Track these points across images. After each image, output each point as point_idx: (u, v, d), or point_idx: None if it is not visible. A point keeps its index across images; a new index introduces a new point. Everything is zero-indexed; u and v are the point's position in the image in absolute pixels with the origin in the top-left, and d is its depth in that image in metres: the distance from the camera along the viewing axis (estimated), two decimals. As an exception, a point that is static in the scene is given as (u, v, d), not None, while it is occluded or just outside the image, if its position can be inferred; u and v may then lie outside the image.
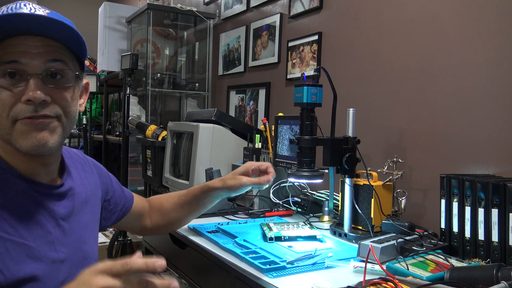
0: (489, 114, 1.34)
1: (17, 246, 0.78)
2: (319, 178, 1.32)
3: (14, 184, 0.82)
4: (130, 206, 1.19)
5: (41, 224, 0.84)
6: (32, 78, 0.78)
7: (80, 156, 1.08)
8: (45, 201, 0.85)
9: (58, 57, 0.82)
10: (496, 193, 1.09)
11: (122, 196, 1.17)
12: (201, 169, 1.83)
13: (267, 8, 2.42)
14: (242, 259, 1.11)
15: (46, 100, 0.78)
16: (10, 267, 0.76)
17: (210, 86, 2.97)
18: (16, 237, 0.79)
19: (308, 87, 1.30)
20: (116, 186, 1.16)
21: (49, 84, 0.80)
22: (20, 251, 0.79)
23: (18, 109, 0.78)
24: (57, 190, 0.89)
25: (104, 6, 3.42)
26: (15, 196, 0.81)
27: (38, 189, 0.85)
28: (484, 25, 1.36)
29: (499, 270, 0.86)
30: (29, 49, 0.78)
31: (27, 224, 0.81)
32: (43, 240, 0.83)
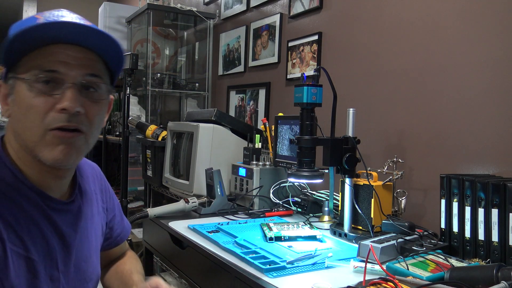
0: (489, 114, 1.34)
1: (21, 259, 0.77)
2: (319, 178, 1.32)
3: (26, 194, 0.81)
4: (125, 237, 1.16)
5: (46, 239, 0.82)
6: (70, 88, 0.77)
7: (96, 170, 1.07)
8: (53, 216, 0.84)
9: (96, 72, 0.82)
10: (496, 193, 1.09)
11: (120, 224, 1.14)
12: (201, 169, 1.83)
13: (267, 8, 2.42)
14: (242, 259, 1.11)
15: (80, 111, 0.78)
16: (12, 280, 0.75)
17: (210, 86, 2.97)
18: (21, 249, 0.78)
19: (308, 87, 1.30)
20: (117, 212, 1.13)
21: (84, 96, 0.80)
22: (23, 264, 0.78)
23: (51, 117, 0.76)
24: (66, 206, 0.88)
25: (104, 6, 3.42)
26: (25, 206, 0.80)
27: (48, 203, 0.84)
28: (484, 25, 1.36)
29: (499, 270, 0.86)
30: (69, 60, 0.78)
31: (33, 237, 0.80)
32: (46, 256, 0.82)
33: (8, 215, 0.77)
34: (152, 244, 1.69)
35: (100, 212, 1.03)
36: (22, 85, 0.77)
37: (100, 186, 1.06)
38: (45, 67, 0.77)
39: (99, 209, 1.03)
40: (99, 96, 0.83)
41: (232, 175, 1.88)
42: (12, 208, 0.78)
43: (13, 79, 0.79)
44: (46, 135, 0.77)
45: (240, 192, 1.80)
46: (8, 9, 5.75)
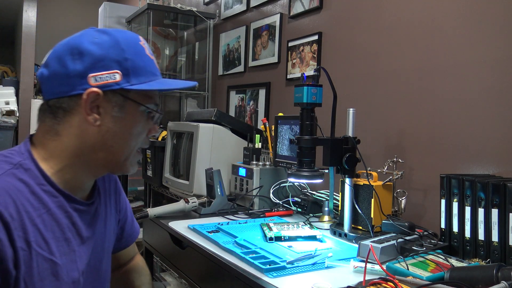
0: (489, 114, 1.34)
1: (45, 262, 0.79)
2: (319, 178, 1.32)
3: (54, 197, 0.83)
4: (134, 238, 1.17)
5: (68, 242, 0.84)
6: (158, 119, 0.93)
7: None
8: (75, 217, 0.86)
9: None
10: (496, 193, 1.09)
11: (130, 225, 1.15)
12: (201, 169, 1.83)
13: (267, 8, 2.42)
14: (242, 259, 1.11)
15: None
16: (36, 284, 0.77)
17: (210, 86, 2.97)
18: (46, 252, 0.79)
19: (308, 87, 1.30)
20: (128, 213, 1.15)
21: None
22: (47, 267, 0.79)
23: (144, 141, 0.92)
24: (87, 207, 0.90)
25: (104, 6, 3.42)
26: (52, 208, 0.82)
27: (73, 205, 0.86)
28: (484, 26, 1.36)
29: (499, 270, 0.86)
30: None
31: (57, 240, 0.82)
32: (68, 258, 0.83)
33: (37, 218, 0.79)
34: (152, 244, 1.69)
35: (113, 213, 1.05)
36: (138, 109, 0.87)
37: (115, 187, 1.07)
38: (155, 101, 0.91)
39: (112, 210, 1.04)
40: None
41: (232, 175, 1.88)
42: (40, 210, 0.80)
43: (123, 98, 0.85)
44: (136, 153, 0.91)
45: (240, 192, 1.80)
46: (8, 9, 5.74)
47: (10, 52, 7.15)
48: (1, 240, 0.72)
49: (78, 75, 0.81)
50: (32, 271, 0.76)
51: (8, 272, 0.73)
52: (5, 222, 0.73)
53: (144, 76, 0.85)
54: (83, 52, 0.81)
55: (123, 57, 0.83)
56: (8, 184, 0.77)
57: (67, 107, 0.83)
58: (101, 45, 0.82)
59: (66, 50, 0.82)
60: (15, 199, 0.76)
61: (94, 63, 0.81)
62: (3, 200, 0.74)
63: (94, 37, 0.83)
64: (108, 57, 0.82)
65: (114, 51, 0.83)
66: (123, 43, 0.84)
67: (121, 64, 0.82)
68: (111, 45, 0.83)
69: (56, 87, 0.83)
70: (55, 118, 0.84)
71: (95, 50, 0.82)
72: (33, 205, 0.79)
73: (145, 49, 0.88)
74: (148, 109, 0.88)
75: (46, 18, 5.22)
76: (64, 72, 0.82)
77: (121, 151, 0.86)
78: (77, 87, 0.81)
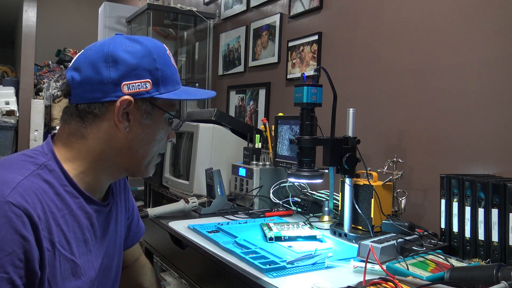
0: (489, 114, 1.34)
1: (67, 262, 0.81)
2: (319, 178, 1.32)
3: (76, 198, 0.85)
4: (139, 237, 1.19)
5: (87, 242, 0.86)
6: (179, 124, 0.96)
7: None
8: (94, 219, 0.88)
9: None
10: (496, 193, 1.09)
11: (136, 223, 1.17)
12: (201, 169, 1.83)
13: (267, 8, 2.42)
14: (242, 259, 1.11)
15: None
16: (58, 283, 0.79)
17: (210, 86, 2.97)
18: (68, 252, 0.81)
19: (308, 87, 1.30)
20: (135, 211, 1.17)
21: None
22: (68, 267, 0.81)
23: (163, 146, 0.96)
24: (103, 208, 0.93)
25: (104, 6, 3.42)
26: (74, 209, 0.84)
27: (92, 206, 0.88)
28: (484, 25, 1.36)
29: (499, 270, 0.86)
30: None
31: (78, 240, 0.84)
32: (85, 258, 0.86)
33: (61, 219, 0.80)
34: (152, 244, 1.69)
35: (123, 212, 1.07)
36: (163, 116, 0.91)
37: (124, 185, 1.09)
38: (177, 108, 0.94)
39: (122, 209, 1.06)
40: None
41: (232, 175, 1.88)
42: (64, 211, 0.81)
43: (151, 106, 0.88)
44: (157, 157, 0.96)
45: (240, 192, 1.80)
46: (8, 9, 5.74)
47: (10, 52, 7.15)
48: (30, 241, 0.73)
49: (112, 82, 0.84)
50: (55, 271, 0.78)
51: (34, 272, 0.74)
52: (34, 223, 0.74)
53: (170, 85, 0.90)
54: (117, 60, 0.84)
55: (154, 66, 0.86)
56: (35, 185, 0.78)
57: (98, 113, 0.85)
58: (134, 54, 0.85)
59: (100, 57, 0.84)
60: (41, 200, 0.77)
61: (128, 71, 0.84)
62: (32, 201, 0.75)
63: (127, 46, 0.86)
64: (141, 66, 0.85)
65: (146, 60, 0.86)
66: (154, 53, 0.87)
67: (152, 74, 0.86)
68: (144, 54, 0.86)
69: (89, 92, 0.84)
70: (82, 122, 0.86)
71: (129, 59, 0.84)
72: (57, 206, 0.80)
73: (171, 59, 0.91)
74: (172, 116, 0.92)
75: (46, 18, 5.22)
76: (98, 79, 0.83)
77: (145, 156, 0.90)
78: (110, 94, 0.84)
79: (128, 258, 1.19)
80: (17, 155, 0.85)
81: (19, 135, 4.28)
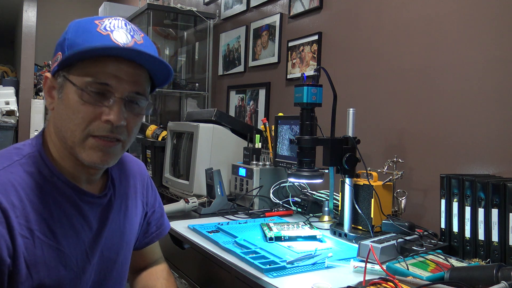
0: (489, 114, 1.34)
1: (51, 251, 0.80)
2: (319, 178, 1.32)
3: (61, 188, 0.84)
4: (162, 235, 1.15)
5: (77, 232, 0.85)
6: (117, 102, 0.81)
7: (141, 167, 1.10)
8: (84, 209, 0.88)
9: (142, 90, 0.85)
10: (496, 193, 1.09)
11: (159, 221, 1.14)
12: (201, 169, 1.83)
13: (267, 8, 2.42)
14: (242, 259, 1.11)
15: (123, 124, 0.82)
16: (40, 272, 0.78)
17: (210, 86, 2.97)
18: (53, 241, 0.80)
19: (308, 87, 1.30)
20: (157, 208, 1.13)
21: (127, 109, 0.84)
22: (54, 256, 0.80)
23: (95, 126, 0.80)
24: (97, 200, 0.91)
25: (104, 6, 3.43)
26: (60, 200, 0.83)
27: (81, 196, 0.87)
28: (484, 25, 1.36)
29: (499, 270, 0.86)
30: (121, 74, 0.81)
31: (65, 230, 0.83)
32: (77, 249, 0.85)
33: (43, 208, 0.80)
34: (152, 244, 1.69)
35: (138, 206, 1.05)
36: (73, 89, 0.80)
37: (142, 181, 1.08)
38: (98, 80, 0.80)
39: (138, 203, 1.04)
40: (140, 110, 0.87)
41: (232, 175, 1.88)
42: (47, 201, 0.81)
43: (63, 78, 0.81)
44: (88, 140, 0.81)
45: (240, 192, 1.80)
46: (8, 9, 5.74)
47: (10, 52, 7.15)
48: None
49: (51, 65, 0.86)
50: (36, 259, 0.78)
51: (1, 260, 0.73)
52: (3, 209, 0.75)
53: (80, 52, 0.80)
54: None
55: (63, 37, 0.82)
56: (12, 175, 0.79)
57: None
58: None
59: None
60: (18, 189, 0.78)
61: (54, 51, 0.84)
62: (4, 188, 0.76)
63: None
64: (57, 42, 0.84)
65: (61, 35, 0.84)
66: (71, 25, 0.84)
67: (61, 45, 0.82)
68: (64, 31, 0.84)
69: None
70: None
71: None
72: (39, 196, 0.80)
73: (98, 26, 0.81)
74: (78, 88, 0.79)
75: (46, 18, 5.23)
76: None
77: (67, 135, 0.82)
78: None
79: (146, 257, 1.15)
80: (8, 148, 0.86)
81: (19, 135, 4.29)
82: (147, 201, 1.10)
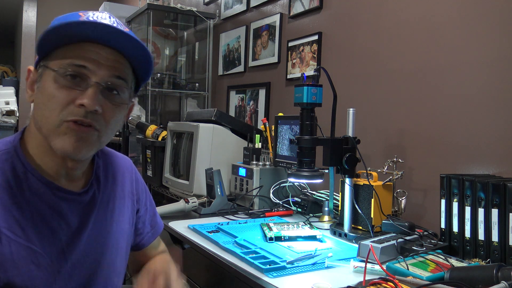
0: (489, 114, 1.34)
1: (22, 250, 0.77)
2: (319, 178, 1.32)
3: (33, 185, 0.81)
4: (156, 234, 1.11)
5: (53, 230, 0.82)
6: (93, 87, 0.79)
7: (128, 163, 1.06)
8: (61, 206, 0.84)
9: (123, 75, 0.83)
10: (496, 193, 1.09)
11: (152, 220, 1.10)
12: (201, 169, 1.83)
13: (267, 8, 2.42)
14: (242, 259, 1.11)
15: (98, 111, 0.79)
16: (8, 270, 0.75)
17: (210, 86, 2.97)
18: (23, 239, 0.78)
19: (308, 87, 1.30)
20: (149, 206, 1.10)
21: (105, 97, 0.81)
22: (24, 255, 0.77)
23: (69, 110, 0.78)
24: (76, 197, 0.87)
25: (104, 6, 3.43)
26: (31, 197, 0.81)
27: (56, 193, 0.84)
28: (484, 26, 1.36)
29: (499, 270, 0.86)
30: (99, 59, 0.80)
31: (38, 228, 0.80)
32: (52, 248, 0.82)
33: (12, 206, 0.78)
34: (152, 244, 1.69)
35: (127, 203, 1.01)
36: (50, 75, 0.79)
37: (130, 178, 1.04)
38: (75, 62, 0.78)
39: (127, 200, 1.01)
40: (121, 100, 0.84)
41: (232, 175, 1.88)
42: (17, 199, 0.79)
43: (43, 68, 0.81)
44: (61, 125, 0.78)
45: (240, 192, 1.81)
46: (8, 9, 5.75)
47: (10, 52, 7.16)
48: None
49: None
50: (4, 258, 0.75)
51: None
52: None
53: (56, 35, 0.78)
54: None
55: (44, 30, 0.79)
56: None
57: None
58: None
59: None
60: None
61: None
62: None
63: None
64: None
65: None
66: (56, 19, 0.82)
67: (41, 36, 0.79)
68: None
69: None
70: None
71: None
72: (9, 193, 0.78)
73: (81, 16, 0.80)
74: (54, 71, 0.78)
75: (46, 18, 5.22)
76: None
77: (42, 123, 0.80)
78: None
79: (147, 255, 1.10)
80: None
81: (19, 135, 4.28)
82: (138, 198, 1.05)
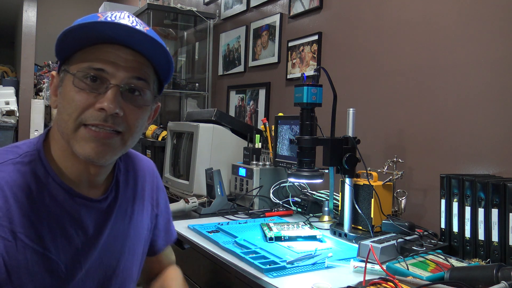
0: (489, 114, 1.34)
1: (37, 257, 0.76)
2: (319, 178, 1.32)
3: (53, 191, 0.79)
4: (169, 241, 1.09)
5: (69, 237, 0.80)
6: (112, 89, 0.77)
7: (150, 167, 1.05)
8: (79, 213, 0.82)
9: (143, 76, 0.81)
10: (496, 193, 1.09)
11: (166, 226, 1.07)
12: (201, 169, 1.83)
13: (267, 8, 2.42)
14: (242, 259, 1.11)
15: (118, 113, 0.77)
16: (22, 277, 0.74)
17: (210, 86, 2.97)
18: (39, 246, 0.76)
19: (308, 87, 1.30)
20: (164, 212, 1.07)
21: (126, 99, 0.79)
22: (39, 262, 0.76)
23: (88, 114, 0.76)
24: (94, 204, 0.85)
25: (104, 6, 3.43)
26: (50, 202, 0.79)
27: (76, 200, 0.82)
28: (484, 26, 1.36)
29: (499, 270, 0.86)
30: (118, 60, 0.78)
31: (54, 234, 0.78)
32: (67, 255, 0.80)
33: (31, 210, 0.76)
34: (152, 244, 1.69)
35: (147, 210, 0.99)
36: (70, 79, 0.77)
37: (152, 182, 1.03)
38: (93, 65, 0.77)
39: (147, 206, 0.99)
40: (143, 102, 0.82)
41: (232, 175, 1.88)
42: (37, 203, 0.77)
43: (64, 72, 0.79)
44: (79, 130, 0.77)
45: (240, 192, 1.80)
46: (8, 9, 5.75)
47: (10, 52, 7.15)
48: None
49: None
50: (19, 264, 0.73)
51: None
52: None
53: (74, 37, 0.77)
54: None
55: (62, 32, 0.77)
56: (1, 174, 0.76)
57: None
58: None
59: None
60: (5, 189, 0.74)
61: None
62: None
63: None
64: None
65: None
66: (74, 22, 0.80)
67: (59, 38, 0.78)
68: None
69: None
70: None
71: None
72: (28, 197, 0.76)
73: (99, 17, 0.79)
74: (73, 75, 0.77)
75: (46, 18, 5.22)
76: None
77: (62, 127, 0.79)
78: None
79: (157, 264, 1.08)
80: (7, 146, 0.83)
81: (19, 135, 4.28)
82: (157, 203, 1.03)
